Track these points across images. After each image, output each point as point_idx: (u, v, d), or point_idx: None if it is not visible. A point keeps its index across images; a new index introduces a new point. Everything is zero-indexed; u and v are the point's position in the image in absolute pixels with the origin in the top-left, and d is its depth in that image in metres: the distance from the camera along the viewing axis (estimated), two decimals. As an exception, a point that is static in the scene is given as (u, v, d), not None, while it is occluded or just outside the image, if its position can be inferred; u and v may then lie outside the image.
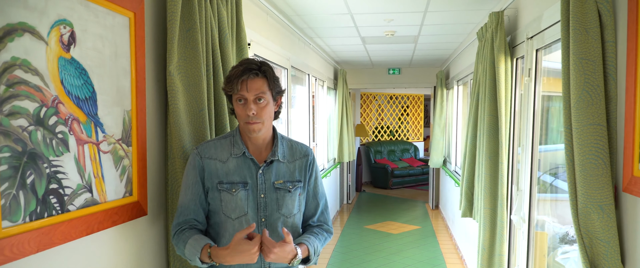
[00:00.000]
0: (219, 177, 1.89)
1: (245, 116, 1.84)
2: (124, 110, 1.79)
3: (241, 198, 1.88)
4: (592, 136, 1.79)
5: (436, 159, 7.95)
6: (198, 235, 1.83)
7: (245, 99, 1.84)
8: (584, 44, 1.82)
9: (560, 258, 3.45)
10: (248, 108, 1.82)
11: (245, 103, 1.84)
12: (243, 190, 1.89)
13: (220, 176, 1.89)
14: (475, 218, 3.97)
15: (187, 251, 1.80)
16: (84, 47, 1.56)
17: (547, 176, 3.56)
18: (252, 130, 1.86)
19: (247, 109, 1.83)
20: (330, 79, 7.85)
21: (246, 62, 1.87)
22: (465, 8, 4.15)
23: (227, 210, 1.89)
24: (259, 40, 3.64)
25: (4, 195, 1.27)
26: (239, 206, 1.88)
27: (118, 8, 1.73)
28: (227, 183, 1.88)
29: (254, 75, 1.83)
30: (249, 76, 1.82)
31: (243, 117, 1.85)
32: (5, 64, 1.26)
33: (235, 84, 1.81)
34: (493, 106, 3.40)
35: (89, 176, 1.60)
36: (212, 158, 1.90)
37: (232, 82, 1.83)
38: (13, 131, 1.29)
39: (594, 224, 1.79)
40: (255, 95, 1.83)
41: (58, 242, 1.46)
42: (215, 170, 1.89)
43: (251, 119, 1.84)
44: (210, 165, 1.89)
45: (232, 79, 1.83)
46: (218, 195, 1.88)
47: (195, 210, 1.89)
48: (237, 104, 1.87)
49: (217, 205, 1.90)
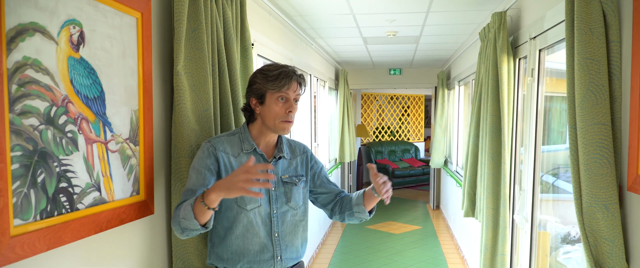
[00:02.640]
0: (232, 170, 1.93)
1: (283, 114, 1.94)
2: (132, 109, 1.80)
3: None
4: (597, 136, 1.81)
5: (437, 159, 7.96)
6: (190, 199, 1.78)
7: (288, 98, 1.93)
8: (589, 44, 1.84)
9: (562, 258, 3.47)
10: (291, 107, 1.94)
11: (286, 101, 1.94)
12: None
13: (235, 169, 1.92)
14: (478, 218, 3.98)
15: (181, 214, 1.74)
16: (93, 47, 1.57)
17: (548, 176, 3.58)
18: (284, 129, 1.97)
19: (289, 107, 1.93)
20: (332, 79, 7.86)
21: (291, 67, 1.97)
22: (468, 8, 4.16)
23: (242, 202, 1.94)
24: (262, 40, 3.65)
25: (16, 194, 1.28)
26: (253, 198, 1.92)
27: (126, 8, 1.74)
28: None
29: (297, 78, 1.96)
30: (297, 79, 1.95)
31: (281, 115, 1.93)
32: (17, 64, 1.27)
33: (284, 82, 1.91)
34: (496, 106, 3.41)
35: (97, 175, 1.61)
36: (225, 152, 1.95)
37: (281, 80, 1.91)
38: (24, 130, 1.30)
39: (599, 223, 1.80)
40: (295, 95, 1.96)
41: (68, 240, 1.47)
42: (229, 163, 1.94)
43: (290, 118, 1.94)
44: (224, 158, 1.94)
45: (281, 77, 1.91)
46: None
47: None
48: (275, 102, 1.93)
49: (231, 198, 1.92)
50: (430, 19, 4.60)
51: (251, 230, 1.95)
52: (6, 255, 1.25)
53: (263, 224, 1.97)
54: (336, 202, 2.18)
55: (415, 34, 5.36)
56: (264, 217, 1.97)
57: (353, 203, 2.10)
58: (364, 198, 2.06)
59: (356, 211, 2.08)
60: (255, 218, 1.95)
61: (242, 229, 1.95)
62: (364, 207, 2.05)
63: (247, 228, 1.95)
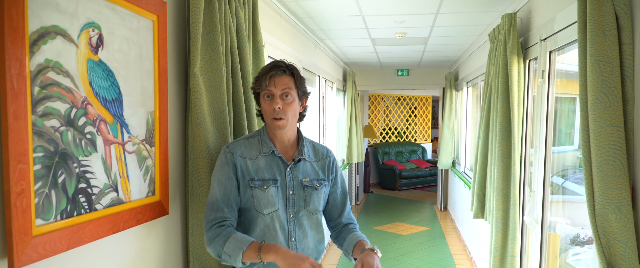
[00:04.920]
0: (250, 174, 1.94)
1: (271, 111, 1.91)
2: (148, 111, 1.83)
3: (272, 195, 1.93)
4: (610, 137, 1.81)
5: (445, 160, 7.95)
6: (242, 234, 1.85)
7: (272, 94, 1.91)
8: (601, 46, 1.84)
9: (572, 260, 3.46)
10: (274, 102, 1.90)
11: (272, 98, 1.91)
12: (273, 186, 1.94)
13: (252, 173, 1.94)
14: (487, 219, 3.98)
15: (228, 246, 1.80)
16: (111, 49, 1.60)
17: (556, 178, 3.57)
18: (277, 127, 1.93)
19: (274, 103, 1.90)
20: (340, 80, 7.88)
21: (274, 61, 1.95)
22: (477, 10, 4.16)
23: (259, 206, 1.93)
24: (272, 41, 3.67)
25: (38, 194, 1.31)
26: (270, 202, 1.93)
27: (142, 11, 1.76)
28: (259, 180, 1.94)
29: (281, 72, 1.92)
30: (276, 72, 1.91)
31: (269, 112, 1.92)
32: (39, 66, 1.30)
33: (263, 80, 1.90)
34: (506, 108, 3.41)
35: (115, 176, 1.64)
36: (243, 156, 1.96)
37: (260, 78, 1.91)
38: (46, 131, 1.33)
39: (612, 225, 1.81)
40: (281, 90, 1.90)
41: (87, 240, 1.50)
42: (247, 167, 1.94)
43: (277, 114, 1.90)
44: (241, 163, 1.94)
45: (260, 76, 1.92)
46: (250, 192, 1.93)
47: (229, 205, 1.91)
48: (264, 101, 1.93)
49: (249, 202, 1.94)
50: (439, 20, 4.60)
51: (268, 234, 1.94)
52: (29, 254, 1.28)
53: (281, 228, 1.95)
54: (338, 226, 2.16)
55: (424, 35, 5.37)
56: (282, 221, 1.96)
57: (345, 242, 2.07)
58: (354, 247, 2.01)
59: (345, 249, 2.07)
60: (272, 222, 1.94)
61: (259, 232, 1.94)
62: (350, 255, 2.03)
63: (263, 232, 1.94)
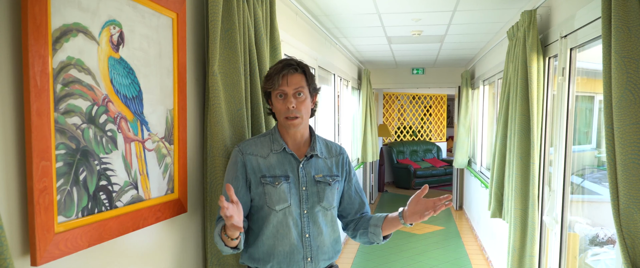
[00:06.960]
0: (261, 172, 1.94)
1: (285, 110, 1.90)
2: (167, 109, 1.83)
3: (284, 191, 1.93)
4: (635, 136, 1.77)
5: (461, 159, 7.89)
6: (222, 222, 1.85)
7: (285, 93, 1.90)
8: (627, 42, 1.80)
9: (591, 260, 3.41)
10: (288, 101, 1.89)
11: (285, 98, 1.90)
12: (285, 182, 1.94)
13: (263, 170, 1.94)
14: (505, 219, 3.94)
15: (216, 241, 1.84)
16: (131, 47, 1.60)
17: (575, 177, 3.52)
18: (291, 125, 1.92)
19: (288, 102, 1.89)
20: (355, 79, 7.86)
21: (284, 60, 1.94)
22: (495, 7, 4.12)
23: (271, 202, 1.93)
24: (289, 40, 3.67)
25: (60, 191, 1.31)
26: (282, 198, 1.92)
27: (162, 9, 1.76)
28: (270, 177, 1.93)
29: (293, 70, 1.90)
30: (289, 71, 1.89)
31: (283, 111, 1.91)
32: (61, 64, 1.30)
33: (276, 79, 1.88)
34: (525, 106, 3.36)
35: (135, 173, 1.64)
36: (253, 154, 1.95)
37: (272, 78, 1.89)
38: (68, 129, 1.33)
39: (637, 224, 1.77)
40: (294, 89, 1.89)
41: (107, 237, 1.50)
42: (257, 165, 1.94)
43: (291, 113, 1.89)
44: (252, 161, 1.94)
45: (272, 75, 1.90)
46: (262, 189, 1.93)
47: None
48: (277, 100, 1.92)
49: (261, 199, 1.94)
50: (456, 18, 4.56)
51: (281, 230, 1.94)
52: (51, 251, 1.28)
53: (294, 225, 1.94)
54: (354, 219, 2.14)
55: (441, 33, 5.33)
56: (295, 217, 1.95)
57: (370, 224, 2.05)
58: (384, 221, 2.02)
59: (371, 231, 2.04)
60: (285, 219, 1.93)
61: (273, 230, 1.94)
62: (380, 230, 2.01)
63: (277, 229, 1.94)
